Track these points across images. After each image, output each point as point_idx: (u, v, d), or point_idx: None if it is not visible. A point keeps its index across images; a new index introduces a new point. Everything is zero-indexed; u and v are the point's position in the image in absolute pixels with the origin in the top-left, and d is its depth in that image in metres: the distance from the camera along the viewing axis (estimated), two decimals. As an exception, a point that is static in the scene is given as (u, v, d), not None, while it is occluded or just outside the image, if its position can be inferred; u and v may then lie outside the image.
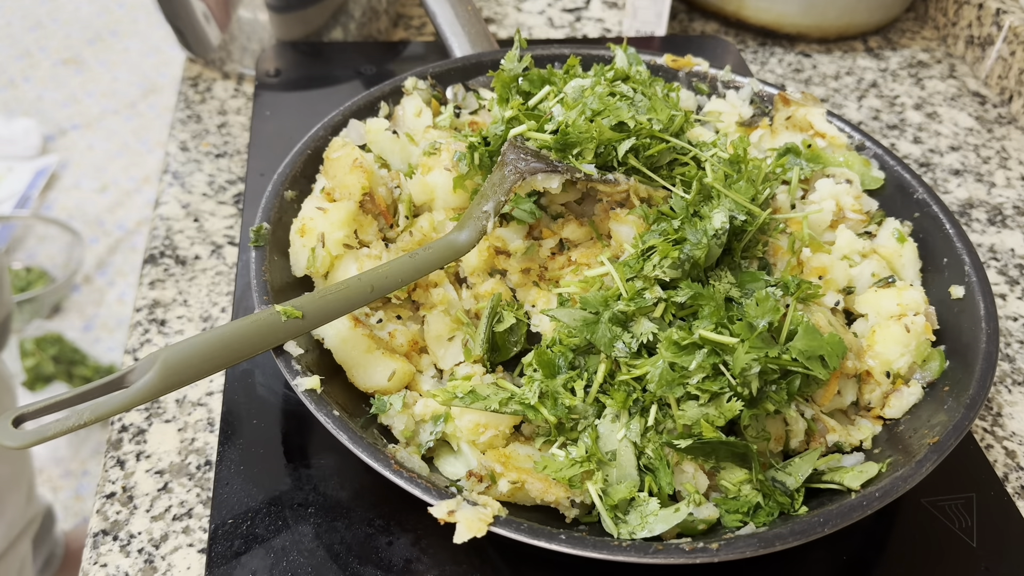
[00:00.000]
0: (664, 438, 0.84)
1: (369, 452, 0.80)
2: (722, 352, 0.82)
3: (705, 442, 0.82)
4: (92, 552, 0.90)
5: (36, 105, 3.92)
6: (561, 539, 0.75)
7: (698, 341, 0.83)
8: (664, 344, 0.84)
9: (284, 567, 0.86)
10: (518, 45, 1.11)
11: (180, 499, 0.95)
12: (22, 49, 4.12)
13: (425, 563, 0.87)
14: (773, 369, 0.83)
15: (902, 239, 1.06)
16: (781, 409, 0.85)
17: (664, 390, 0.82)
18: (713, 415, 0.81)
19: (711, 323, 0.84)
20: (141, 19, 4.31)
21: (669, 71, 1.26)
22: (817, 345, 0.83)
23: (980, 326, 0.94)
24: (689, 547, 0.75)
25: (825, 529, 0.76)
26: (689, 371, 0.82)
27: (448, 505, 0.76)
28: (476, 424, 0.87)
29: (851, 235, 1.06)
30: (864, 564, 0.92)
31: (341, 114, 1.13)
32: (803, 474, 0.84)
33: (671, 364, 0.83)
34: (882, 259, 1.05)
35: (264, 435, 0.98)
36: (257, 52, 1.53)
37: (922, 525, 0.95)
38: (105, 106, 3.95)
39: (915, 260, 1.06)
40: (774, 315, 0.83)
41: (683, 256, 0.88)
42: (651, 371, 0.83)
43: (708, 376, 0.82)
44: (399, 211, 1.06)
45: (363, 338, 0.92)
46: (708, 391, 0.81)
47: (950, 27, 1.79)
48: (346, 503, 0.92)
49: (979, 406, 0.86)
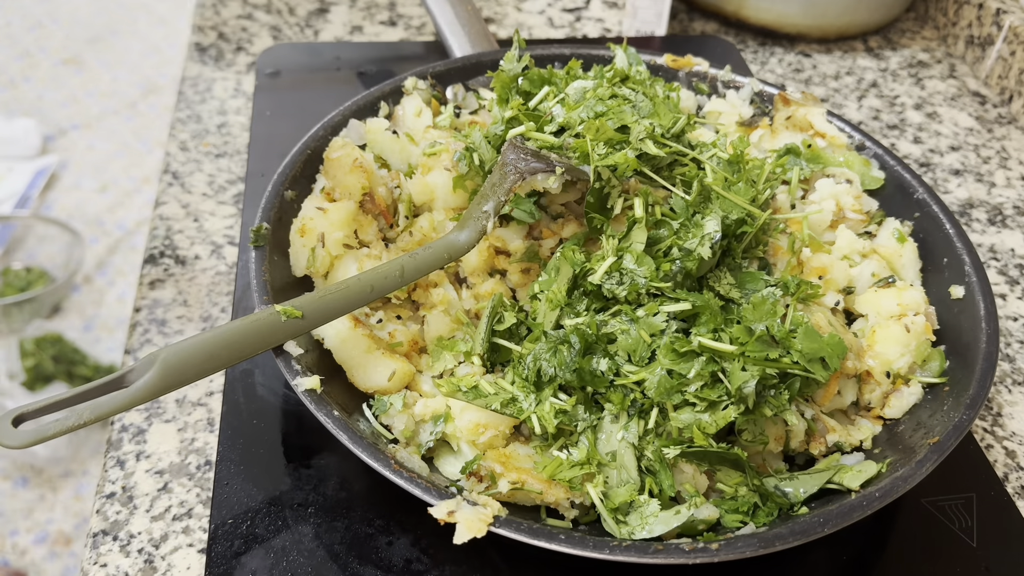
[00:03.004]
0: (661, 441, 0.83)
1: (369, 452, 0.79)
2: (720, 359, 0.82)
3: (695, 450, 0.82)
4: (92, 552, 0.90)
5: (36, 105, 3.92)
6: (561, 539, 0.75)
7: (696, 349, 0.82)
8: (662, 351, 0.83)
9: (284, 567, 0.86)
10: (517, 45, 1.11)
11: (180, 499, 0.95)
12: (22, 49, 4.12)
13: (425, 563, 0.87)
14: (771, 375, 0.82)
15: (902, 239, 1.05)
16: (780, 413, 0.84)
17: (663, 397, 0.82)
18: (705, 423, 0.81)
19: (709, 329, 0.84)
20: (141, 19, 4.31)
21: (669, 71, 1.26)
22: (817, 347, 0.83)
23: (980, 326, 0.94)
24: (689, 547, 0.75)
25: (825, 529, 0.76)
26: (688, 379, 0.82)
27: (448, 505, 0.76)
28: (476, 424, 0.87)
29: (851, 235, 1.05)
30: (864, 564, 0.92)
31: (341, 114, 1.13)
32: (807, 491, 0.84)
33: (669, 371, 0.82)
34: (882, 259, 1.05)
35: (264, 435, 0.98)
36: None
37: (922, 525, 0.95)
38: (105, 106, 3.95)
39: (915, 260, 1.05)
40: (772, 318, 0.83)
41: (675, 268, 0.88)
42: (649, 379, 0.83)
43: (706, 384, 0.82)
44: (399, 211, 1.06)
45: (363, 338, 0.92)
46: (706, 399, 0.81)
47: (950, 27, 1.79)
48: (346, 503, 0.92)
49: (979, 406, 0.86)
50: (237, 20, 1.70)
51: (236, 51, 1.62)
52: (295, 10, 1.73)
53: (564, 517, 0.85)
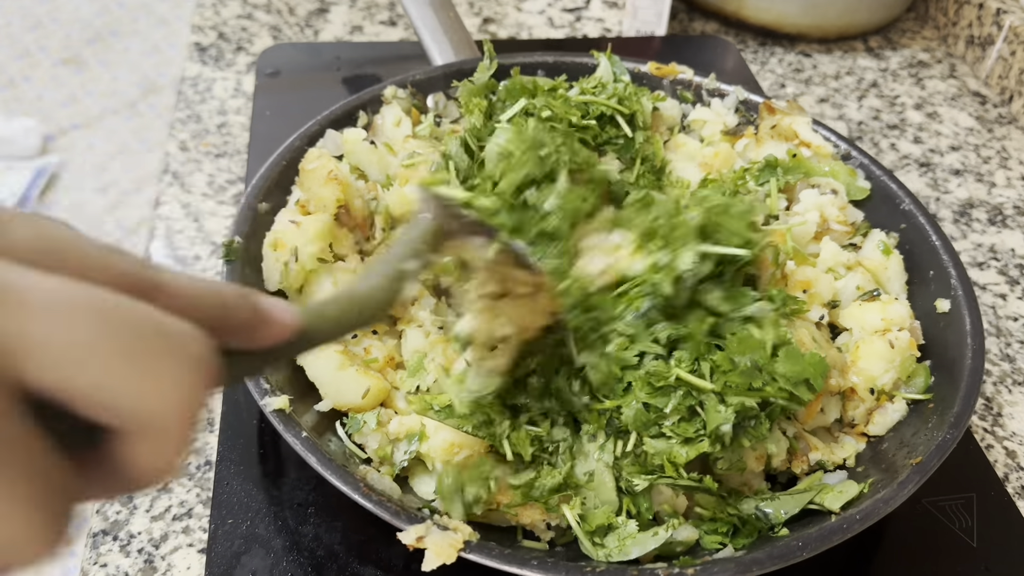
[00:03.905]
0: (632, 469, 0.81)
1: (338, 475, 0.78)
2: (698, 393, 0.79)
3: (665, 480, 0.80)
4: (92, 552, 0.90)
5: (36, 105, 3.93)
6: (533, 565, 0.73)
7: (673, 384, 0.79)
8: (638, 384, 0.79)
9: (284, 567, 0.86)
10: (488, 55, 1.09)
11: (180, 499, 0.95)
12: (22, 49, 4.12)
13: (425, 563, 0.87)
14: (752, 406, 0.78)
15: (887, 251, 1.03)
16: (759, 442, 0.81)
17: (639, 428, 0.80)
18: (676, 453, 0.79)
19: (690, 357, 0.79)
20: (141, 19, 4.31)
21: (653, 79, 1.24)
22: (800, 369, 0.79)
23: (966, 341, 0.92)
24: (664, 572, 0.74)
25: (804, 553, 0.75)
26: (664, 413, 0.79)
27: (417, 531, 0.75)
28: (451, 444, 0.84)
29: (835, 247, 1.03)
30: (864, 564, 0.92)
31: (318, 124, 1.11)
32: (788, 512, 0.82)
33: (645, 404, 0.79)
34: (867, 272, 1.03)
35: (264, 435, 0.98)
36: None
37: (922, 525, 0.94)
38: (105, 106, 3.95)
39: (901, 273, 1.03)
40: (760, 351, 0.79)
41: (646, 306, 0.81)
42: (625, 411, 0.80)
43: (683, 418, 0.79)
44: (376, 223, 1.04)
45: (336, 354, 0.90)
46: (682, 436, 0.78)
47: (950, 27, 1.78)
48: (346, 503, 0.92)
49: (964, 424, 0.84)
50: (237, 20, 1.70)
51: (236, 51, 1.62)
52: (295, 10, 1.73)
53: (540, 539, 0.84)
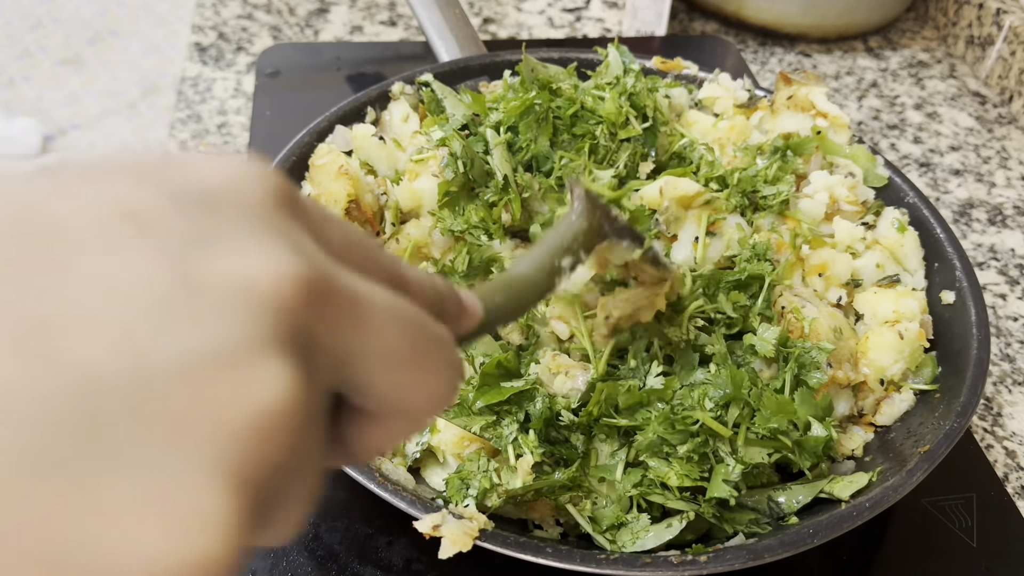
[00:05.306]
0: (638, 491, 0.81)
1: (353, 466, 0.79)
2: (714, 439, 0.79)
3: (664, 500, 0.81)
4: (92, 552, 0.90)
5: (36, 105, 3.93)
6: (548, 553, 0.74)
7: (693, 431, 0.79)
8: (658, 418, 0.79)
9: (284, 567, 0.86)
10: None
11: (180, 499, 0.95)
12: (22, 49, 4.12)
13: (425, 563, 0.87)
14: (762, 460, 0.80)
15: (902, 228, 1.03)
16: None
17: (649, 456, 0.80)
18: (682, 475, 0.79)
19: (717, 406, 0.80)
20: (141, 19, 4.31)
21: (659, 73, 1.24)
22: (813, 411, 0.82)
23: (971, 332, 0.93)
24: (677, 559, 0.75)
25: (815, 540, 0.76)
26: (677, 451, 0.79)
27: (433, 519, 0.75)
28: (461, 438, 0.85)
29: (849, 224, 1.02)
30: (863, 563, 0.92)
31: (327, 120, 1.11)
32: (800, 501, 0.83)
33: (660, 437, 0.80)
34: (885, 250, 1.03)
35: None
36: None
37: (922, 525, 0.94)
38: (105, 106, 3.96)
39: (917, 248, 1.03)
40: (789, 415, 0.80)
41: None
42: (640, 437, 0.80)
43: (691, 459, 0.79)
44: (386, 218, 1.05)
45: None
46: (689, 476, 0.78)
47: (950, 27, 1.78)
48: (346, 503, 0.92)
49: (970, 414, 0.85)
50: (237, 20, 1.70)
51: (236, 51, 1.62)
52: (295, 10, 1.73)
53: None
